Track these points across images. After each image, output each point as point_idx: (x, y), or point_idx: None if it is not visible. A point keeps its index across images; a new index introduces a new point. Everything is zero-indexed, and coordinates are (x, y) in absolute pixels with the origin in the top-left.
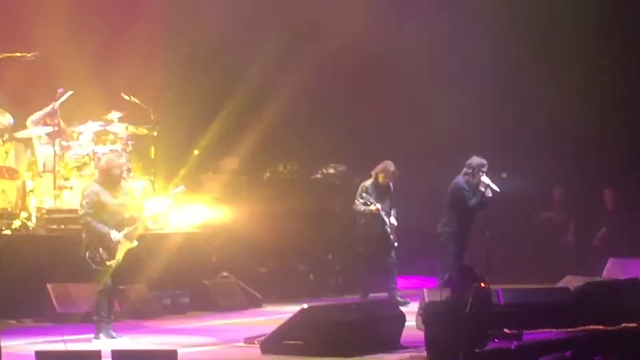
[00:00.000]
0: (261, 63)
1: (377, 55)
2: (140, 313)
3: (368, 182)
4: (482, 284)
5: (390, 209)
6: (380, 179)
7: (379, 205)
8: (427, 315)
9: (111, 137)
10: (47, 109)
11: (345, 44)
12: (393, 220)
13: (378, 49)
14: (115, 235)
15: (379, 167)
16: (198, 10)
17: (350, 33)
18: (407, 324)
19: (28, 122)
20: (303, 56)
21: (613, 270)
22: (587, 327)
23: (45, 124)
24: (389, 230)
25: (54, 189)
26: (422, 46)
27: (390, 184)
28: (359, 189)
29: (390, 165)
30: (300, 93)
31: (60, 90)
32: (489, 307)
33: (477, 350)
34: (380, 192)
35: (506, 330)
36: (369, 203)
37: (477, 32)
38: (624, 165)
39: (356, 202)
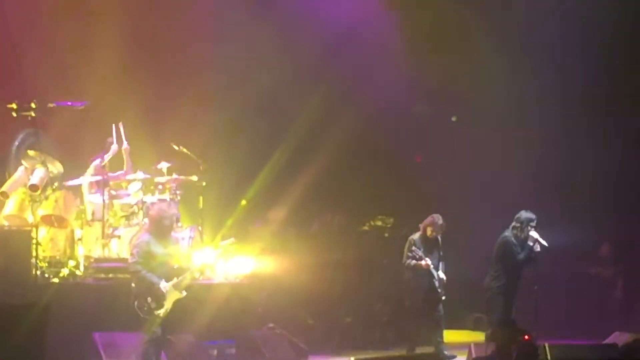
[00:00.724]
0: (309, 113)
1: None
2: None
3: (416, 236)
4: (527, 337)
5: (438, 262)
6: (429, 233)
7: (429, 261)
8: None
9: (160, 187)
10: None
11: (393, 88)
12: (442, 274)
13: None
14: (164, 285)
15: (427, 220)
16: (248, 60)
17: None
18: None
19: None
20: (351, 106)
21: None
22: None
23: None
24: (437, 283)
25: (102, 237)
26: (471, 91)
27: (439, 237)
28: (407, 243)
29: (438, 219)
30: (349, 143)
31: (109, 140)
32: (535, 359)
33: None
34: (428, 245)
35: None
36: (417, 257)
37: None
38: None
39: (405, 256)
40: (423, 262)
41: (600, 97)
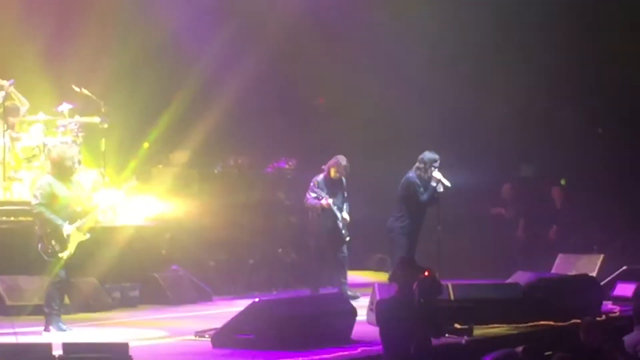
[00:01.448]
0: (210, 55)
1: (328, 44)
2: (90, 306)
3: (320, 177)
4: (426, 273)
5: (342, 204)
6: (333, 174)
7: (330, 200)
8: (379, 313)
9: (61, 129)
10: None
11: (294, 32)
12: (345, 215)
13: (330, 38)
14: (67, 227)
15: (331, 161)
16: (149, 4)
17: (298, 21)
18: (358, 318)
19: None
20: (252, 48)
21: (562, 266)
22: (537, 323)
23: None
24: (340, 225)
25: (4, 180)
26: (376, 35)
27: (343, 179)
28: (311, 183)
29: (342, 160)
30: (251, 86)
31: (10, 82)
32: (438, 294)
33: (432, 339)
34: (332, 186)
35: (457, 326)
36: (320, 197)
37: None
38: (574, 162)
39: (307, 196)
40: (323, 201)
41: (508, 44)
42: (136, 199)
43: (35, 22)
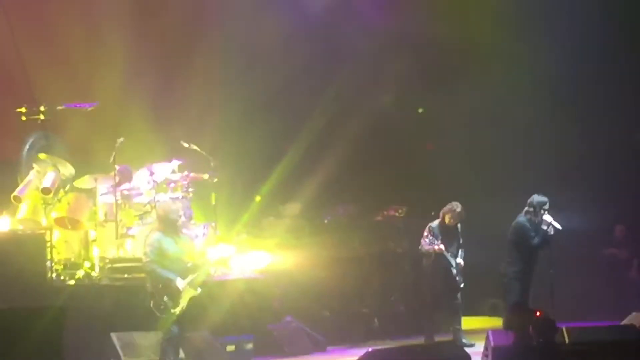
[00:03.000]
0: (321, 107)
1: (435, 91)
2: None
3: (435, 223)
4: (539, 313)
5: (457, 250)
6: (447, 220)
7: (442, 246)
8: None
9: (172, 185)
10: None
11: (401, 78)
12: (460, 261)
13: (436, 83)
14: (179, 282)
15: (446, 208)
16: (257, 56)
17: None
18: None
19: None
20: (362, 97)
21: None
22: None
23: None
24: (454, 271)
25: (116, 238)
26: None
27: (458, 225)
28: (425, 230)
29: (457, 207)
30: (359, 135)
31: (120, 140)
32: (554, 333)
33: None
34: (447, 233)
35: None
36: (433, 243)
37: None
38: None
39: (422, 242)
40: (436, 247)
41: (616, 75)
42: (247, 252)
43: (143, 80)
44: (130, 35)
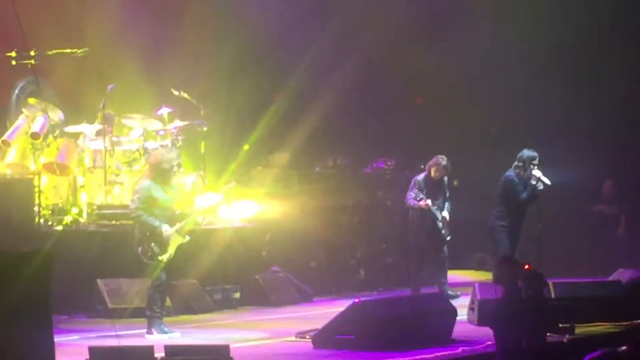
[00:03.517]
0: (310, 57)
1: (426, 44)
2: (191, 308)
3: (421, 177)
4: (527, 266)
5: (443, 203)
6: (433, 174)
7: (429, 201)
8: (488, 314)
9: (161, 132)
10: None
11: (392, 32)
12: (445, 214)
13: (428, 37)
14: (167, 229)
15: (432, 161)
16: (247, 6)
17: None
18: (458, 318)
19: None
20: (352, 50)
21: None
22: None
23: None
24: (440, 224)
25: (105, 184)
26: (476, 32)
27: (445, 178)
28: (411, 183)
29: (442, 160)
30: (349, 87)
31: (110, 86)
32: (543, 285)
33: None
34: (433, 186)
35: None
36: (419, 199)
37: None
38: None
39: (408, 195)
40: (422, 202)
41: (603, 34)
42: (235, 201)
43: (133, 28)
44: None
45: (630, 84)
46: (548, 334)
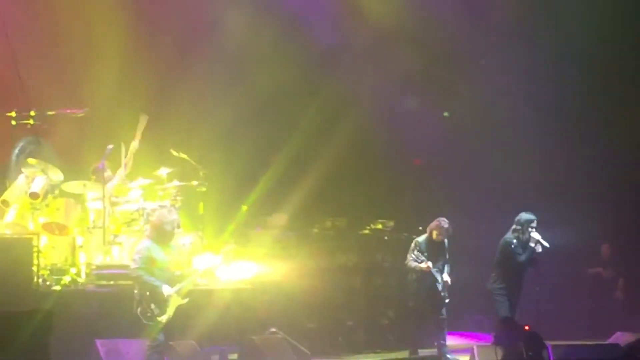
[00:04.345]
0: (309, 119)
1: (424, 105)
2: None
3: (422, 238)
4: (526, 327)
5: (443, 266)
6: (434, 236)
7: (430, 263)
8: None
9: (160, 193)
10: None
11: (389, 94)
12: (445, 277)
13: (425, 100)
14: (167, 290)
15: (433, 223)
16: (245, 67)
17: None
18: None
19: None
20: (350, 113)
21: None
22: None
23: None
24: (439, 287)
25: (104, 244)
26: (472, 101)
27: (445, 241)
28: (412, 245)
29: (444, 223)
30: (347, 149)
31: (109, 147)
32: (542, 347)
33: None
34: (433, 248)
35: None
36: (419, 260)
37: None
38: None
39: (408, 257)
40: (423, 265)
41: (600, 97)
42: (234, 262)
43: (134, 88)
44: (123, 43)
45: (630, 147)
46: None
